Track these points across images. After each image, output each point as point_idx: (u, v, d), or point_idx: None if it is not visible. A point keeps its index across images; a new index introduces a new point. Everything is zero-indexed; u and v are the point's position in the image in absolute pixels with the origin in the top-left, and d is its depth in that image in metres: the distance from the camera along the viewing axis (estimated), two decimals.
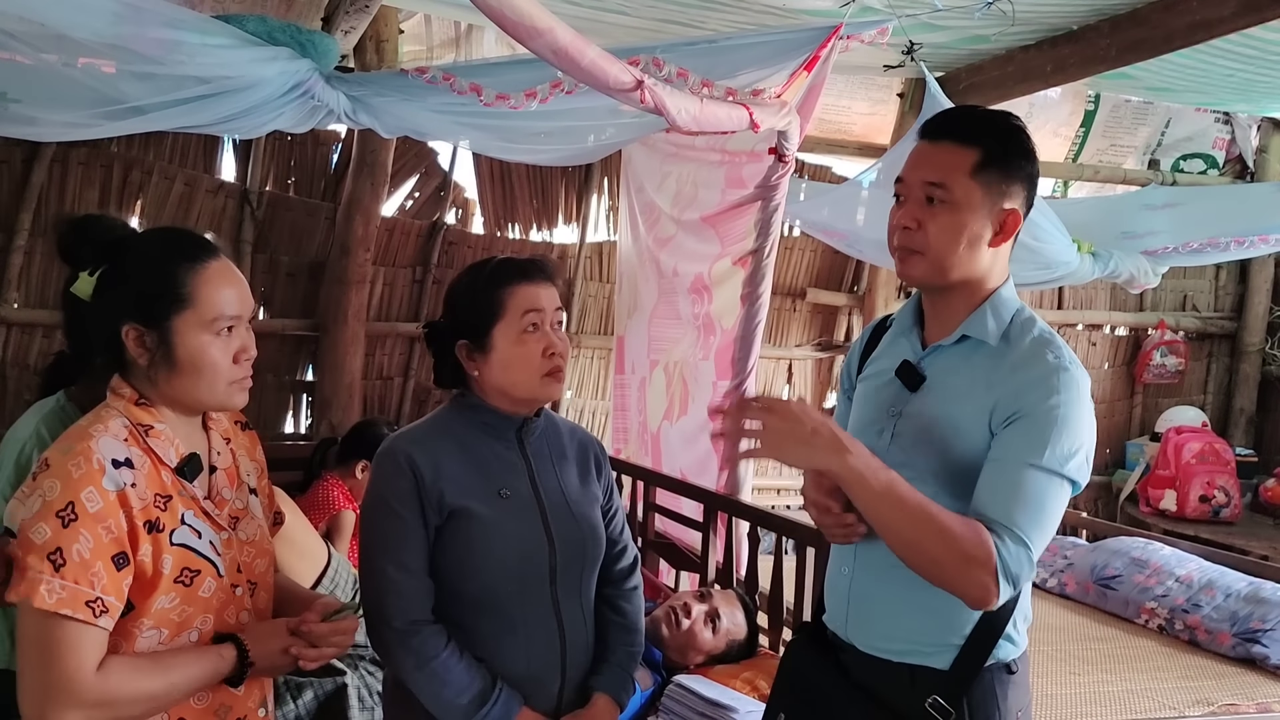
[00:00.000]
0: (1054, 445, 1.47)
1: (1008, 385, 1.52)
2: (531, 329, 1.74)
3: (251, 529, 1.62)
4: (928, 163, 1.60)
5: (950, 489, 1.55)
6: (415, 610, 1.70)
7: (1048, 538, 1.50)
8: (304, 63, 2.62)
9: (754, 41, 3.08)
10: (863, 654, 1.67)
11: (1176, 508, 5.68)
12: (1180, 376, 6.51)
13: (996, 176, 1.57)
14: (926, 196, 1.58)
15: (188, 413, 1.54)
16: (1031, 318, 1.61)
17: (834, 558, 1.76)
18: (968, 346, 1.61)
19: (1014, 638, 1.62)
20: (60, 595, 1.31)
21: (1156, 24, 3.77)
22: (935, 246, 1.58)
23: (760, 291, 3.40)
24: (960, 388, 1.58)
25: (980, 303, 1.61)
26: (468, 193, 5.21)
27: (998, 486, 1.49)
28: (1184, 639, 4.11)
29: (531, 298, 1.74)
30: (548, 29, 2.23)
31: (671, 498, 3.87)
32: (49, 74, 2.45)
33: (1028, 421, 1.49)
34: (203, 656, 1.48)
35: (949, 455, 1.56)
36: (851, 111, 5.36)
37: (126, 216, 4.47)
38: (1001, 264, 1.63)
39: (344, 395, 4.66)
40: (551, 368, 1.75)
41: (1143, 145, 6.12)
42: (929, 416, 1.60)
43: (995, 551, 1.43)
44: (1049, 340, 1.56)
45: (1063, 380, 1.50)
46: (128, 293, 1.48)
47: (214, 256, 1.53)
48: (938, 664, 1.59)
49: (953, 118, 1.66)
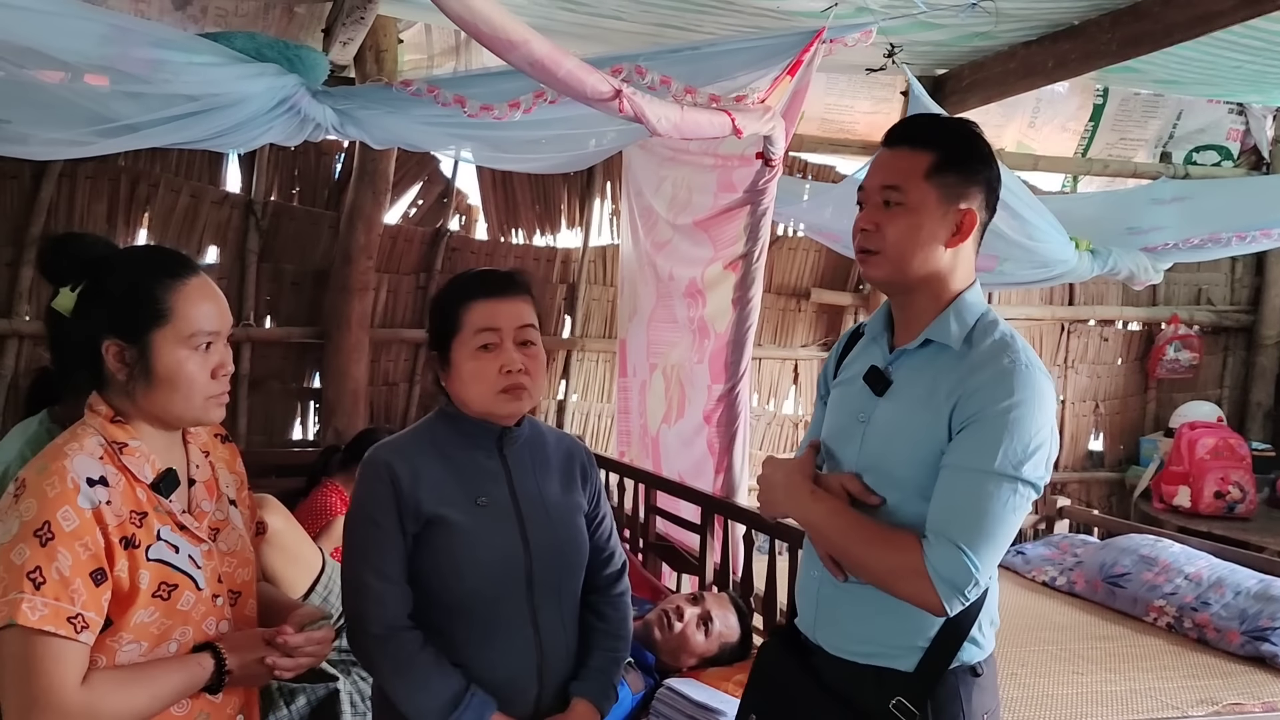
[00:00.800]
0: (1006, 448, 1.49)
1: (964, 387, 1.54)
2: (485, 347, 1.75)
3: (232, 540, 1.65)
4: (885, 168, 1.66)
5: (917, 492, 1.57)
6: (392, 617, 1.73)
7: (996, 542, 1.51)
8: (290, 78, 2.66)
9: (737, 47, 3.09)
10: (831, 656, 1.69)
11: (1190, 504, 5.62)
12: (1195, 371, 6.44)
13: (952, 179, 1.61)
14: (884, 200, 1.63)
15: (166, 428, 1.57)
16: (994, 321, 1.63)
17: (804, 562, 1.80)
18: (931, 350, 1.63)
19: (979, 640, 1.63)
20: (43, 612, 1.34)
21: (1157, 17, 3.74)
22: (892, 246, 1.62)
23: (751, 295, 3.40)
24: (922, 392, 1.60)
25: (944, 306, 1.63)
26: (470, 199, 5.26)
27: (946, 495, 1.52)
28: (1192, 637, 4.08)
29: (487, 315, 1.76)
30: (523, 41, 2.25)
31: (672, 500, 3.89)
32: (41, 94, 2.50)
33: (980, 425, 1.51)
34: (183, 666, 1.51)
35: (913, 458, 1.58)
36: (854, 111, 5.34)
37: (134, 229, 4.55)
38: (964, 265, 1.66)
39: (349, 401, 4.71)
40: (508, 385, 1.75)
41: (1154, 138, 6.05)
42: (893, 421, 1.63)
43: (922, 559, 1.48)
44: (1008, 343, 1.58)
45: (1018, 381, 1.52)
46: (108, 308, 1.51)
47: (193, 273, 1.56)
48: (903, 666, 1.61)
49: (910, 124, 1.71)
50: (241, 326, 4.73)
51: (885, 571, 1.54)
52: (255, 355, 4.82)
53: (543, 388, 1.85)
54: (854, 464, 1.67)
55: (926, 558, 1.47)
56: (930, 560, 1.47)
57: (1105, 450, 6.64)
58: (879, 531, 1.55)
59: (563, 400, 5.54)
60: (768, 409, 5.88)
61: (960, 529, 1.48)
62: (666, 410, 4.16)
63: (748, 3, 3.51)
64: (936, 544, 1.48)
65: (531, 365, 1.78)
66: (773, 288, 5.79)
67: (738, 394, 3.48)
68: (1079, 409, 6.54)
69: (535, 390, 1.80)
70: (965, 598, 1.49)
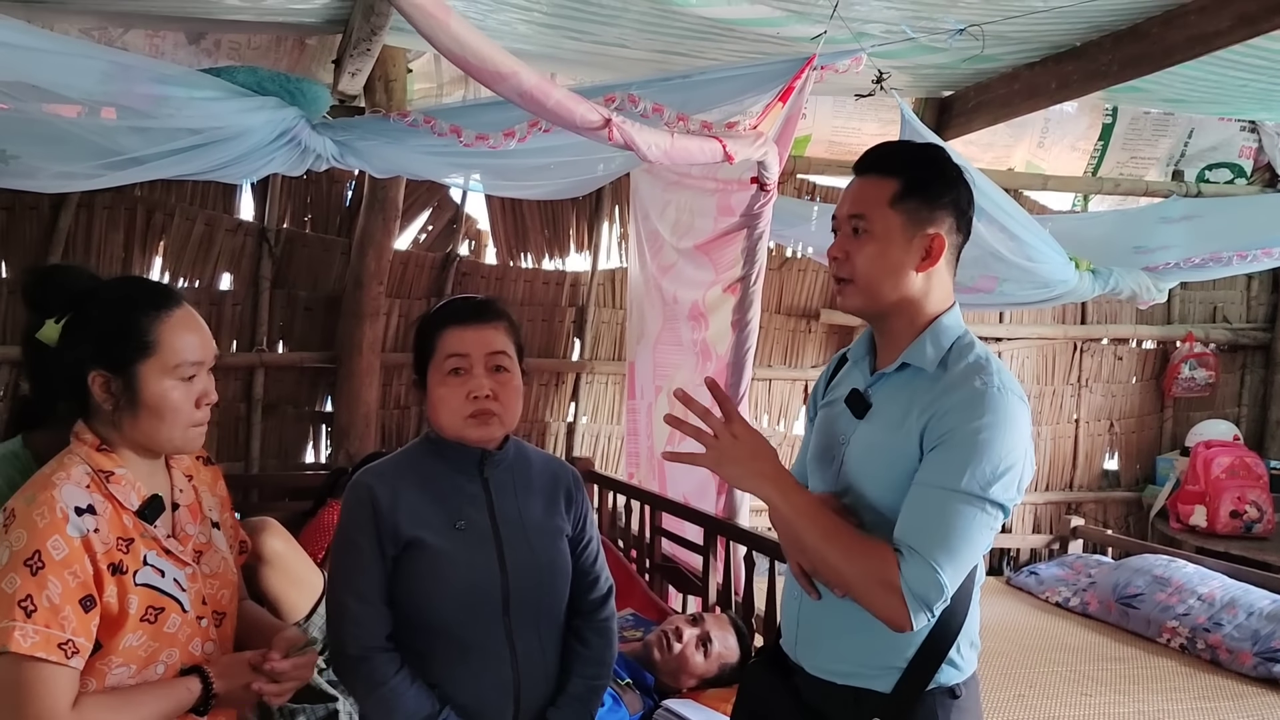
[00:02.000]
0: (974, 469, 1.50)
1: (936, 408, 1.56)
2: (455, 373, 1.78)
3: (215, 562, 1.69)
4: (852, 197, 1.69)
5: (890, 513, 1.58)
6: (368, 638, 1.76)
7: (964, 562, 1.52)
8: (290, 111, 2.72)
9: (729, 75, 3.13)
10: (810, 676, 1.71)
11: (1207, 523, 5.57)
12: (1211, 389, 6.38)
13: (917, 204, 1.63)
14: (853, 228, 1.66)
15: (150, 455, 1.61)
16: (970, 344, 1.64)
17: (787, 582, 1.81)
18: (908, 374, 1.65)
19: (957, 662, 1.64)
20: (34, 640, 1.38)
21: (1156, 38, 3.76)
22: (862, 274, 1.65)
23: (749, 318, 3.43)
24: (898, 414, 1.61)
25: (921, 330, 1.65)
26: (480, 224, 5.31)
27: (913, 510, 1.53)
28: (1205, 658, 4.06)
29: (455, 342, 1.79)
30: (512, 73, 2.30)
31: (677, 522, 3.91)
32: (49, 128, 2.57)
33: (949, 445, 1.53)
34: (171, 689, 1.55)
35: (886, 479, 1.60)
36: (861, 133, 5.36)
37: (150, 257, 4.63)
38: (940, 289, 1.67)
39: (361, 425, 4.76)
40: (475, 410, 1.78)
41: (1165, 156, 6.03)
42: (870, 443, 1.65)
43: (897, 574, 1.48)
44: (982, 366, 1.59)
45: (989, 403, 1.53)
46: (93, 340, 1.54)
47: (177, 305, 1.60)
48: (880, 687, 1.62)
49: (876, 153, 1.73)
50: (255, 351, 4.80)
51: (856, 577, 1.53)
52: (269, 380, 4.88)
53: (517, 414, 1.86)
54: (832, 485, 1.70)
55: (901, 573, 1.48)
56: (905, 574, 1.48)
57: (1121, 469, 6.59)
58: (855, 538, 1.55)
59: (572, 422, 5.57)
60: (778, 429, 5.88)
61: (930, 544, 1.49)
62: (671, 432, 4.17)
63: (747, 29, 3.56)
64: (910, 559, 1.49)
65: (503, 392, 1.80)
66: (782, 309, 5.81)
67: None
68: (1093, 428, 6.50)
69: (507, 416, 1.82)
70: (931, 614, 1.50)
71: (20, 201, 4.31)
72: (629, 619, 3.41)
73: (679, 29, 3.58)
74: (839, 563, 1.55)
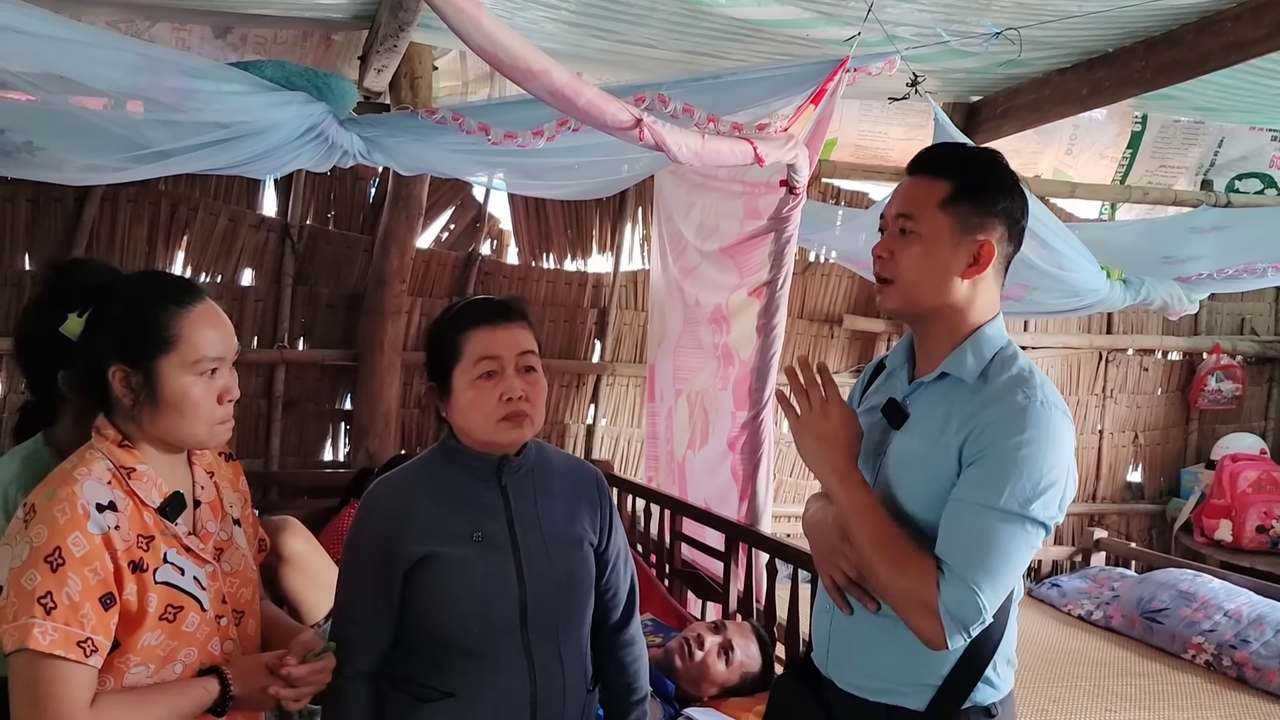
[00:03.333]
0: (1013, 486, 1.46)
1: (976, 422, 1.52)
2: (486, 375, 1.73)
3: (236, 559, 1.67)
4: (902, 196, 1.65)
5: (926, 529, 1.55)
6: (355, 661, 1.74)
7: (1004, 583, 1.48)
8: (318, 106, 2.71)
9: (761, 76, 3.10)
10: (842, 691, 1.67)
11: (1232, 538, 5.50)
12: (1238, 402, 6.30)
13: (968, 209, 1.58)
14: (900, 228, 1.62)
15: (171, 451, 1.59)
16: (1014, 355, 1.60)
17: (820, 595, 1.77)
18: (947, 384, 1.61)
19: (994, 680, 1.60)
20: (53, 637, 1.36)
21: (1191, 45, 3.71)
22: (904, 275, 1.61)
23: (775, 323, 3.39)
24: (936, 425, 1.57)
25: (963, 339, 1.61)
26: (503, 224, 5.30)
27: (952, 528, 1.50)
28: (1231, 675, 4.00)
29: (486, 343, 1.74)
30: (543, 70, 2.27)
31: (697, 527, 3.88)
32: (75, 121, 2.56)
33: (989, 461, 1.49)
34: (189, 689, 1.53)
35: (923, 492, 1.56)
36: (888, 137, 5.32)
37: (173, 251, 4.64)
38: (985, 297, 1.62)
39: (381, 424, 4.75)
40: (509, 413, 1.72)
41: (1194, 165, 5.95)
42: (907, 454, 1.61)
43: (937, 595, 1.45)
44: (1025, 379, 1.54)
45: (1030, 418, 1.48)
46: (113, 334, 1.52)
47: (198, 299, 1.57)
48: (913, 704, 1.58)
49: (931, 153, 1.69)
50: (276, 348, 4.80)
51: (897, 592, 1.50)
52: (289, 377, 4.88)
53: (543, 414, 1.83)
54: None
55: (940, 594, 1.45)
56: (943, 597, 1.45)
57: (1144, 482, 6.52)
58: (903, 549, 1.51)
59: (592, 424, 5.55)
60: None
61: (969, 565, 1.46)
62: (691, 436, 4.16)
63: (777, 31, 3.53)
64: (951, 580, 1.45)
65: (532, 392, 1.75)
66: (805, 314, 5.77)
67: (762, 421, 3.46)
68: (1117, 439, 6.43)
69: (537, 417, 1.77)
70: (968, 635, 1.47)
71: (45, 194, 4.32)
72: (648, 624, 3.38)
73: (707, 29, 3.55)
74: (882, 571, 1.52)
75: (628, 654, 1.96)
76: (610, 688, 1.96)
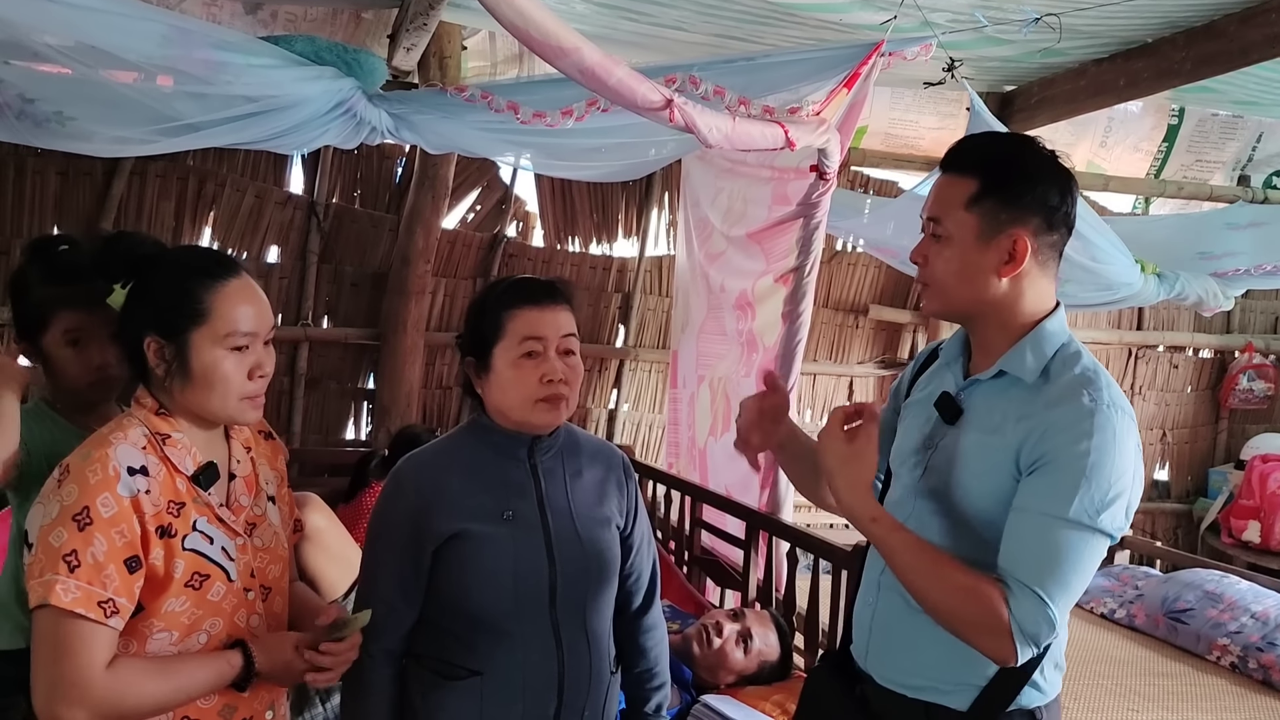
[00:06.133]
0: (1082, 496, 1.40)
1: (1037, 423, 1.46)
2: (529, 355, 1.72)
3: (268, 536, 1.67)
4: (932, 198, 1.61)
5: (978, 525, 1.51)
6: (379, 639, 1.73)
7: (1074, 594, 1.43)
8: (347, 81, 2.69)
9: (793, 59, 3.05)
10: (880, 686, 1.63)
11: (1260, 539, 5.43)
12: (1270, 402, 6.23)
13: (996, 205, 1.52)
14: (932, 232, 1.58)
15: (206, 424, 1.59)
16: (1077, 353, 1.53)
17: (862, 588, 1.74)
18: (1005, 382, 1.55)
19: (1041, 685, 1.54)
20: (75, 595, 1.37)
21: (1233, 37, 3.64)
22: (938, 280, 1.57)
23: (801, 310, 3.35)
24: (993, 424, 1.52)
25: (1020, 335, 1.55)
26: (528, 206, 5.28)
27: (1019, 540, 1.44)
28: (1257, 678, 3.93)
29: (532, 323, 1.73)
30: (574, 48, 2.24)
31: (718, 514, 3.85)
32: (106, 92, 2.56)
33: (1055, 468, 1.43)
34: (212, 662, 1.53)
35: (978, 491, 1.51)
36: (919, 125, 5.27)
37: (199, 227, 4.66)
38: (1034, 291, 1.55)
39: (403, 404, 4.76)
40: (548, 394, 1.72)
41: (1231, 161, 5.86)
42: (961, 451, 1.56)
43: (1007, 613, 1.40)
44: (1090, 380, 1.48)
45: (1097, 423, 1.42)
46: (151, 305, 1.54)
47: (234, 274, 1.57)
48: (955, 704, 1.54)
49: (958, 149, 1.62)
50: (300, 325, 4.81)
51: (964, 623, 1.45)
52: (313, 355, 4.90)
53: (578, 398, 1.82)
54: (913, 489, 1.62)
55: (1012, 614, 1.39)
56: (1015, 616, 1.39)
57: (1172, 481, 6.45)
58: (961, 578, 1.45)
59: (614, 409, 5.53)
60: (820, 425, 5.81)
61: (1040, 577, 1.40)
62: (713, 423, 4.13)
63: (810, 15, 3.48)
64: (1020, 596, 1.40)
65: (571, 375, 1.74)
66: (830, 303, 5.73)
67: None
68: (1145, 437, 6.35)
69: (573, 401, 1.77)
70: (1038, 649, 1.43)
71: (74, 167, 4.34)
72: (666, 610, 3.36)
73: (739, 13, 3.51)
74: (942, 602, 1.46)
75: (649, 639, 1.96)
76: (631, 673, 1.96)
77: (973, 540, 1.51)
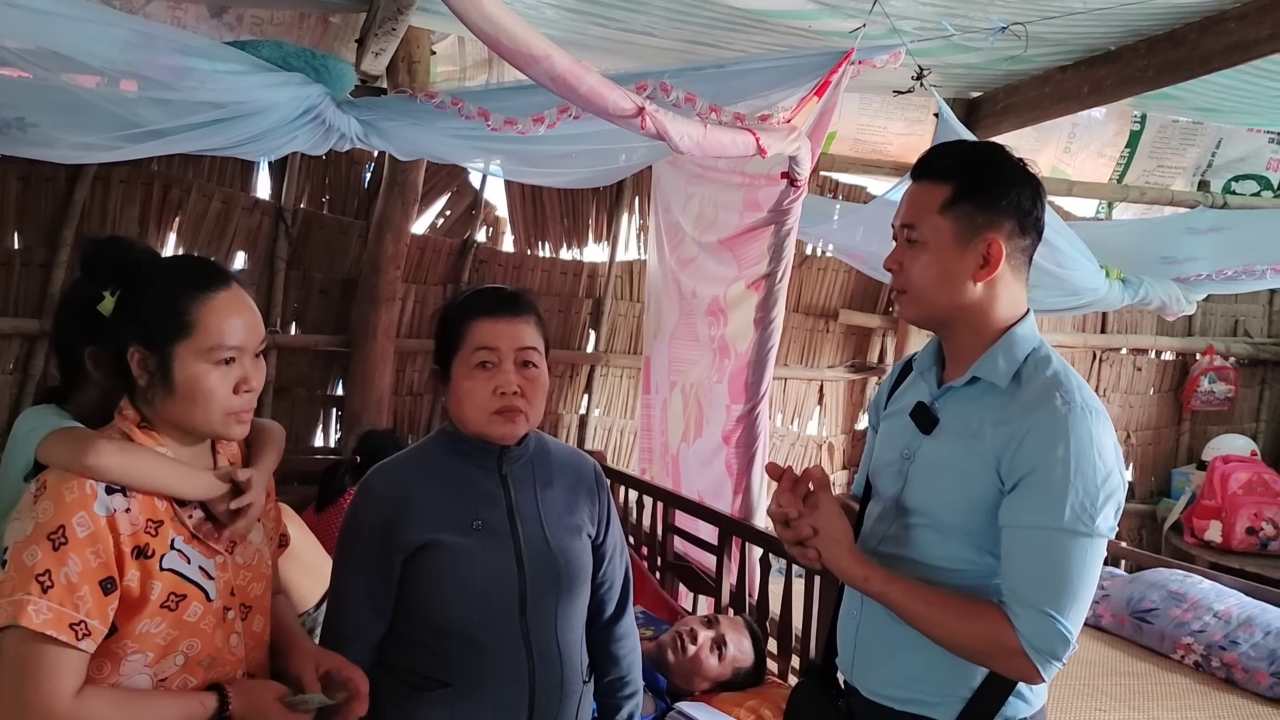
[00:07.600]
0: (1072, 501, 1.41)
1: (1015, 429, 1.47)
2: (483, 366, 1.72)
3: (249, 553, 1.63)
4: (906, 204, 1.62)
5: (959, 534, 1.52)
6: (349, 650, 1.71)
7: (1084, 602, 1.43)
8: (315, 88, 2.67)
9: (764, 66, 3.07)
10: (866, 699, 1.64)
11: (1222, 539, 5.52)
12: (1230, 404, 6.33)
13: (971, 209, 1.54)
14: (906, 238, 1.59)
15: (189, 438, 1.55)
16: (1046, 357, 1.55)
17: (846, 600, 1.74)
18: (979, 388, 1.56)
19: (1027, 695, 1.54)
20: (46, 616, 1.33)
21: (1194, 45, 3.70)
22: (915, 285, 1.58)
23: (773, 316, 3.37)
24: (969, 431, 1.53)
25: (991, 341, 1.56)
26: (498, 211, 5.26)
27: (1018, 558, 1.45)
28: (1220, 676, 4.00)
29: (486, 334, 1.73)
30: (544, 55, 2.24)
31: (690, 520, 3.85)
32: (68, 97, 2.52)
33: (1039, 479, 1.43)
34: (184, 701, 1.48)
35: (958, 500, 1.52)
36: (887, 131, 5.30)
37: (165, 233, 4.58)
38: (1006, 296, 1.57)
39: (373, 410, 4.72)
40: (501, 406, 1.71)
41: (1192, 166, 5.95)
42: (939, 460, 1.57)
43: (1015, 634, 1.41)
44: (1061, 382, 1.49)
45: (1071, 424, 1.43)
46: (136, 315, 1.50)
47: (222, 286, 1.53)
48: (942, 716, 1.55)
49: (931, 156, 1.65)
50: (268, 333, 4.74)
51: (974, 651, 1.46)
52: (281, 362, 4.84)
53: (541, 410, 1.80)
54: (894, 501, 1.62)
55: (1019, 633, 1.40)
56: (1023, 635, 1.40)
57: (1135, 482, 6.54)
58: (960, 605, 1.46)
59: (585, 415, 5.52)
60: (791, 429, 5.83)
61: (1045, 594, 1.40)
62: (685, 429, 4.13)
63: (779, 21, 3.49)
64: (1025, 614, 1.41)
65: (529, 388, 1.74)
66: (800, 307, 5.75)
67: (757, 415, 3.43)
68: None
69: (532, 413, 1.76)
70: (1061, 663, 1.43)
71: (36, 173, 4.27)
72: (639, 617, 3.36)
73: (708, 19, 3.52)
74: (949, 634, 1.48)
75: (621, 647, 1.96)
76: (603, 681, 1.96)
77: (955, 550, 1.52)
